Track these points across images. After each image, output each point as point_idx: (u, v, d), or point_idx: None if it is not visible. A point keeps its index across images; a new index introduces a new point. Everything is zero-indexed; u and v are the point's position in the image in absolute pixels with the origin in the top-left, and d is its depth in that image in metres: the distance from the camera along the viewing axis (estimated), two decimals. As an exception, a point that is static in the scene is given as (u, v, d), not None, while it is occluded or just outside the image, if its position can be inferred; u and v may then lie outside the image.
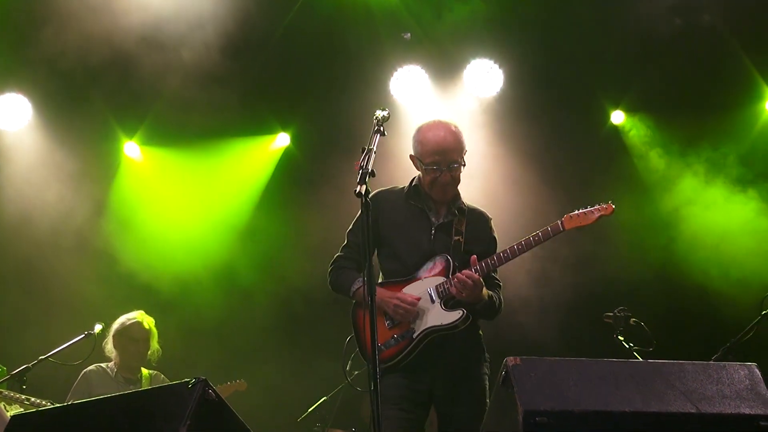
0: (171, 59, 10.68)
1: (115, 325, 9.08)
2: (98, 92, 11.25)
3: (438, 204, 6.54)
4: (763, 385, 4.87)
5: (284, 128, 11.92)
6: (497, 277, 6.59)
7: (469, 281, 6.11)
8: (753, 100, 11.29)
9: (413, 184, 6.61)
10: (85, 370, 8.96)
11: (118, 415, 5.11)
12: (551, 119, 11.28)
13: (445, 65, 11.50)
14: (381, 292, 6.24)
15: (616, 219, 10.93)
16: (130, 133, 11.74)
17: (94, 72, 10.79)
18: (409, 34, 11.32)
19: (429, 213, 6.49)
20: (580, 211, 6.38)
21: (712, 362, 5.18)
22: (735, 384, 4.86)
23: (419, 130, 6.59)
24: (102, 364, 9.04)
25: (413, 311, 6.25)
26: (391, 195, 6.65)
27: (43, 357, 8.65)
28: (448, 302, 6.27)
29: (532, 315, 10.86)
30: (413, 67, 11.45)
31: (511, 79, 11.41)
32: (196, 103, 11.24)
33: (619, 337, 8.14)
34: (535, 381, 4.74)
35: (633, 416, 4.65)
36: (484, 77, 11.39)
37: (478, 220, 6.64)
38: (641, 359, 7.60)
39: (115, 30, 10.43)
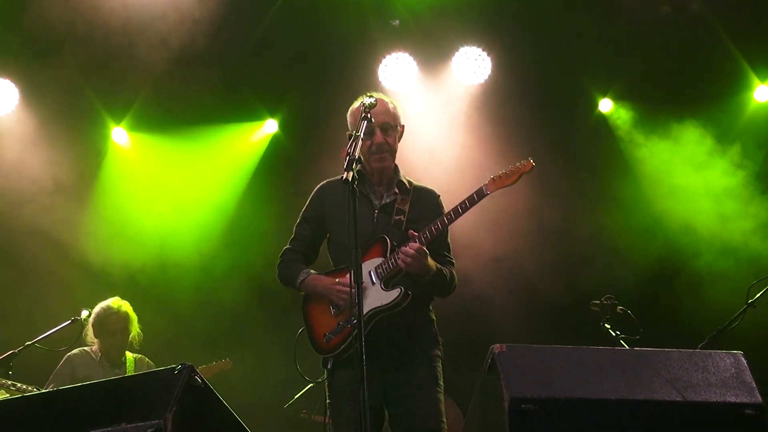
0: (159, 45, 10.67)
1: (93, 315, 9.01)
2: (86, 78, 11.22)
3: (380, 184, 6.44)
4: (748, 373, 4.89)
5: (272, 115, 11.90)
6: (450, 255, 6.49)
7: (411, 250, 5.97)
8: (741, 89, 11.29)
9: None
10: (68, 354, 8.93)
11: (104, 401, 5.10)
12: (539, 107, 11.28)
13: (433, 52, 11.49)
14: (322, 281, 6.31)
15: (602, 207, 11.10)
16: (118, 119, 11.70)
17: (82, 58, 10.77)
18: (397, 21, 11.31)
19: (372, 196, 6.39)
20: (502, 172, 6.20)
21: (698, 350, 5.21)
22: (721, 372, 4.88)
23: (350, 110, 6.56)
24: (86, 348, 9.01)
25: (346, 291, 6.10)
26: (335, 184, 6.52)
27: (29, 343, 8.62)
28: (388, 282, 6.14)
29: (519, 305, 10.91)
30: (402, 54, 11.44)
31: (500, 67, 11.42)
32: (184, 89, 11.24)
33: (606, 325, 8.16)
34: (521, 368, 4.75)
35: (619, 404, 4.67)
36: (473, 65, 11.39)
37: (425, 198, 6.54)
38: (628, 347, 7.62)
39: (101, 15, 10.43)
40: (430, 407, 6.11)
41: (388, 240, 6.22)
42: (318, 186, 6.68)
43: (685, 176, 11.10)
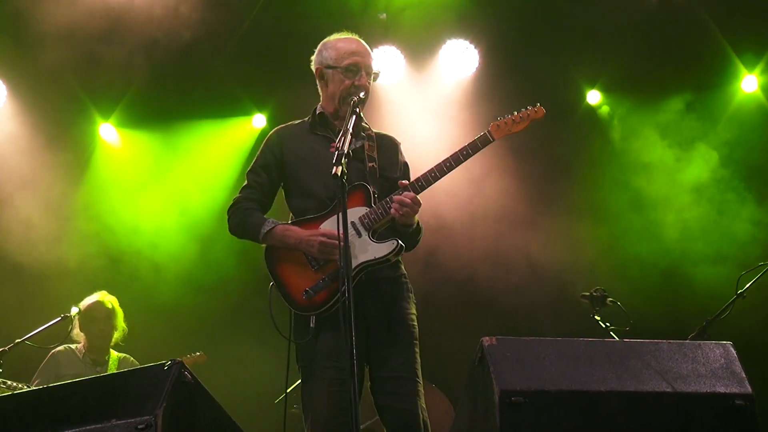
0: (146, 41, 10.66)
1: (80, 307, 9.09)
2: (73, 74, 11.19)
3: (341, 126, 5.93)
4: (738, 363, 4.91)
5: (260, 109, 11.88)
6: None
7: (407, 200, 5.72)
8: (729, 79, 11.29)
9: (317, 113, 6.33)
10: (53, 351, 8.96)
11: (93, 398, 5.11)
12: (527, 99, 11.20)
13: (420, 45, 11.47)
14: (298, 232, 5.89)
15: (592, 199, 11.11)
16: (106, 114, 11.68)
17: (69, 54, 10.74)
18: (384, 14, 11.29)
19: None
20: (507, 117, 6.06)
21: (687, 341, 5.20)
22: (710, 363, 4.89)
23: (326, 42, 6.38)
24: (71, 345, 9.05)
25: (335, 243, 5.60)
26: (293, 129, 6.35)
27: (19, 340, 8.64)
28: (375, 233, 5.84)
29: (511, 298, 10.92)
30: (389, 48, 11.42)
31: (487, 59, 11.41)
32: (171, 85, 11.23)
33: (596, 317, 8.18)
34: (510, 361, 4.76)
35: (608, 395, 4.68)
36: (460, 57, 11.39)
37: (389, 145, 6.33)
38: (618, 339, 7.64)
39: (87, 11, 10.40)
40: (412, 366, 5.87)
41: (370, 188, 5.92)
42: (273, 131, 6.39)
43: (673, 167, 11.11)
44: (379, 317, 5.87)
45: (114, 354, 9.14)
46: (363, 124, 6.24)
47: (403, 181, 5.90)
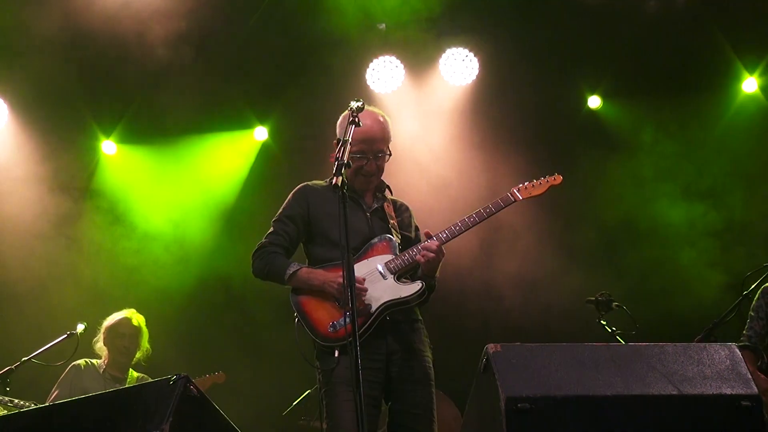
0: (146, 56, 10.69)
1: (106, 322, 9.15)
2: (75, 91, 11.23)
3: (362, 192, 6.52)
4: (743, 364, 4.90)
5: (261, 122, 11.89)
6: None
7: (433, 246, 6.12)
8: (730, 81, 11.29)
9: None
10: (73, 363, 8.96)
11: (100, 414, 5.11)
12: (528, 106, 11.28)
13: (420, 54, 11.47)
14: (319, 274, 6.26)
15: (594, 202, 11.10)
16: (108, 131, 11.71)
17: (71, 72, 10.78)
18: (384, 25, 11.32)
19: (360, 200, 6.47)
20: (529, 182, 6.50)
21: (692, 343, 5.19)
22: (716, 364, 4.88)
23: (344, 118, 6.45)
24: (92, 360, 9.05)
25: (362, 288, 6.11)
26: (318, 187, 6.63)
27: (26, 358, 8.61)
28: (401, 277, 6.23)
29: (517, 304, 10.92)
30: (389, 58, 11.44)
31: (487, 67, 11.41)
32: (173, 100, 11.24)
33: (602, 321, 8.16)
34: (515, 367, 4.76)
35: (614, 400, 4.67)
36: (460, 66, 11.39)
37: (401, 209, 6.73)
38: (624, 343, 7.64)
39: (90, 27, 10.43)
40: (428, 405, 6.22)
41: (395, 239, 6.34)
42: (300, 186, 6.66)
43: (677, 169, 11.11)
44: (399, 354, 6.21)
45: (134, 373, 9.14)
46: (382, 190, 6.64)
47: (428, 231, 6.27)
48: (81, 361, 9.01)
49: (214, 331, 11.53)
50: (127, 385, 8.92)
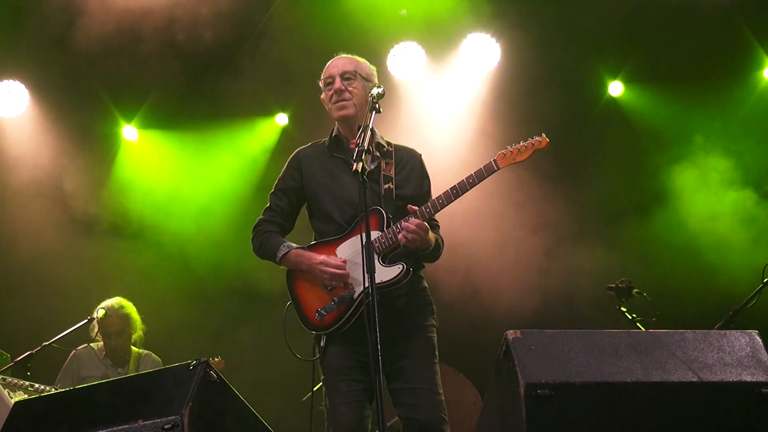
0: (167, 42, 10.69)
1: (95, 313, 9.05)
2: (95, 77, 11.26)
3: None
4: (764, 351, 4.87)
5: (283, 108, 11.90)
6: (435, 217, 6.20)
7: (413, 226, 5.82)
8: (752, 68, 11.22)
9: (333, 134, 6.44)
10: (74, 351, 9.02)
11: (119, 399, 5.13)
12: (550, 92, 11.23)
13: (441, 40, 11.44)
14: (307, 257, 6.12)
15: (615, 191, 11.05)
16: (129, 116, 11.74)
17: (91, 57, 10.79)
18: (405, 11, 11.29)
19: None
20: (513, 146, 6.11)
21: (712, 330, 5.16)
22: (736, 351, 4.86)
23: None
24: (92, 344, 9.10)
25: (341, 273, 5.97)
26: (312, 151, 6.51)
27: (46, 343, 8.67)
28: (386, 257, 5.98)
29: (535, 290, 10.90)
30: (410, 44, 11.41)
31: (509, 53, 11.36)
32: (194, 85, 11.26)
33: (622, 308, 8.15)
34: (535, 353, 4.74)
35: (634, 386, 4.65)
36: (482, 51, 11.35)
37: (407, 160, 6.41)
38: (644, 330, 7.61)
39: (111, 14, 10.44)
40: (430, 378, 5.99)
41: (384, 212, 6.04)
42: (293, 154, 6.56)
43: (697, 157, 11.05)
44: (393, 331, 5.86)
45: (135, 351, 9.17)
46: (380, 141, 6.36)
47: (413, 207, 6.00)
48: (81, 348, 9.06)
49: (235, 316, 11.56)
50: (130, 365, 8.99)
